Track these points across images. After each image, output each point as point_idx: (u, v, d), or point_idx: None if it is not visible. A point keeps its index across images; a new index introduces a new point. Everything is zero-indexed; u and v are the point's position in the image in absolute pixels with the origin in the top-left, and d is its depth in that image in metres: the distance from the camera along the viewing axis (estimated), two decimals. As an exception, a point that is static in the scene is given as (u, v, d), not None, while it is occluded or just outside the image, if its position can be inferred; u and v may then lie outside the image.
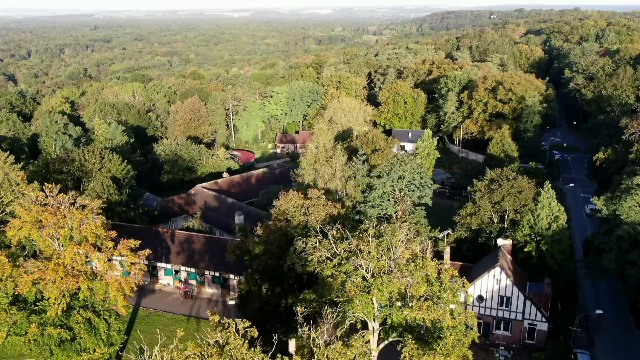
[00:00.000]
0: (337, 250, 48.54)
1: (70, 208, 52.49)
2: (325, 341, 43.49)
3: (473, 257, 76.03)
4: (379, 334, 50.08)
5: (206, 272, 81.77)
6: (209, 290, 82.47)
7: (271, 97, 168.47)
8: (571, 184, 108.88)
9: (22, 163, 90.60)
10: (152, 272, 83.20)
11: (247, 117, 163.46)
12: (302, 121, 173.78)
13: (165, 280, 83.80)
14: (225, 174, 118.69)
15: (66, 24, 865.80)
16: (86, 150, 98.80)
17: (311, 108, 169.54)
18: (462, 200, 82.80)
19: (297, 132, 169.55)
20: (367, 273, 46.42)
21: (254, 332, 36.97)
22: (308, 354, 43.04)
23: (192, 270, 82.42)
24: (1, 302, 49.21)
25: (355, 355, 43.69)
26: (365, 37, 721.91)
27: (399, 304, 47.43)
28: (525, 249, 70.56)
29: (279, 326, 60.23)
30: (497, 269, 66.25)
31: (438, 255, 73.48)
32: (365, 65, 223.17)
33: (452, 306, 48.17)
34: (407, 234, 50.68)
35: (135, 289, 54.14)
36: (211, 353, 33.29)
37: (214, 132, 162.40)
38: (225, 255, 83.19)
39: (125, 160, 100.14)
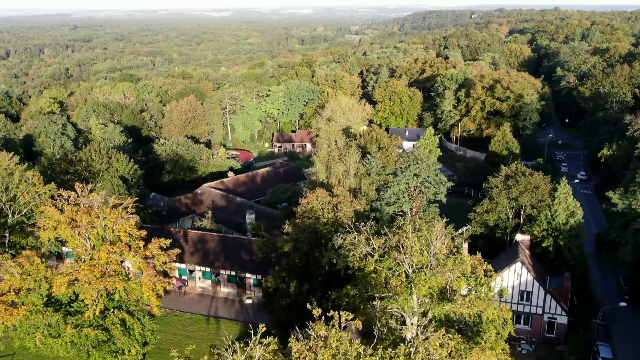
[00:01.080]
0: (376, 245, 48.71)
1: (104, 207, 51.90)
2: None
3: (488, 253, 76.72)
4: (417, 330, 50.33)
5: (222, 271, 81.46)
6: (225, 290, 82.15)
7: (267, 96, 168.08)
8: (576, 180, 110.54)
9: (25, 164, 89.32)
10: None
11: (244, 117, 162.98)
12: (299, 120, 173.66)
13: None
14: (230, 173, 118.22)
15: (44, 23, 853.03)
16: (93, 150, 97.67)
17: (308, 107, 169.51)
18: (474, 198, 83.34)
19: (293, 132, 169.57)
20: (409, 268, 46.66)
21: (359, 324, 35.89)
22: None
23: (207, 269, 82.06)
24: (36, 303, 48.53)
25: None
26: (347, 37, 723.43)
27: (437, 298, 47.73)
28: (544, 244, 71.47)
29: (308, 323, 60.30)
30: (519, 264, 67.08)
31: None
32: (357, 64, 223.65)
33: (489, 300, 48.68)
34: (443, 230, 50.97)
35: (168, 288, 53.76)
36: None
37: (210, 132, 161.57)
38: (241, 253, 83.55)
39: (132, 160, 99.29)
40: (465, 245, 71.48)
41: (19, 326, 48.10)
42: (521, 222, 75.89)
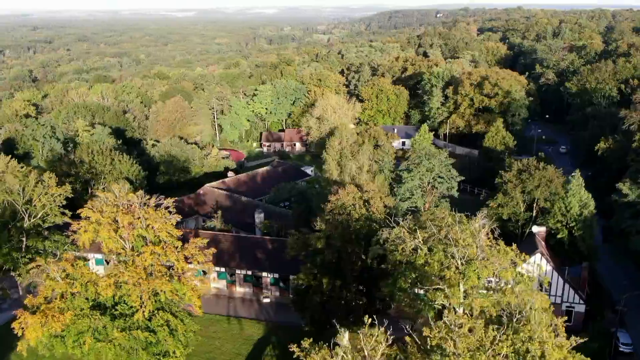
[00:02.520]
0: (422, 238, 49.43)
1: (146, 208, 51.23)
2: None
3: (502, 245, 78.36)
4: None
5: (237, 271, 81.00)
6: (241, 290, 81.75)
7: (255, 95, 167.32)
8: (573, 174, 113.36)
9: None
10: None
11: (233, 116, 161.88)
12: (286, 119, 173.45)
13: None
14: (230, 173, 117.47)
15: (2, 24, 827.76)
16: (96, 152, 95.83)
17: (295, 106, 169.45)
18: (470, 193, 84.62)
19: (282, 131, 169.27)
20: (459, 260, 47.47)
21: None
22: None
23: (222, 270, 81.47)
24: (83, 307, 47.56)
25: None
26: (315, 36, 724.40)
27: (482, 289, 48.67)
28: (559, 236, 73.36)
29: (344, 319, 60.60)
30: (538, 255, 68.73)
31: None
32: (338, 63, 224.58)
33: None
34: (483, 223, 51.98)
35: (205, 289, 53.43)
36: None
37: (199, 133, 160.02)
38: (256, 252, 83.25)
39: (136, 161, 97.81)
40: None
41: (65, 332, 47.00)
42: (534, 214, 77.69)
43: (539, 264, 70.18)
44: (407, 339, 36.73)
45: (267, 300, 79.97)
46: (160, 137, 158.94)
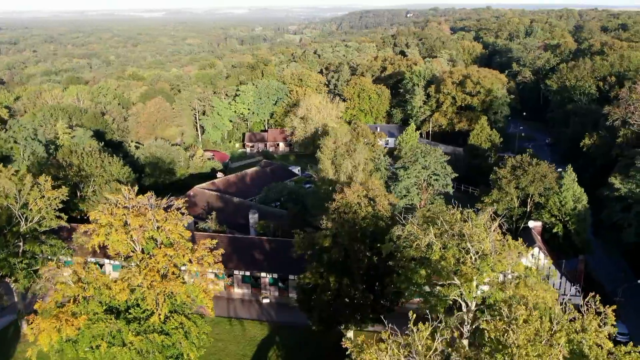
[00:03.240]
0: (435, 234, 49.97)
1: (157, 209, 50.63)
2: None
3: (497, 240, 79.65)
4: (474, 315, 51.93)
5: (235, 272, 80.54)
6: (239, 291, 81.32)
7: (237, 96, 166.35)
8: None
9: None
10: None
11: (215, 117, 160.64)
12: (268, 120, 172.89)
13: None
14: (219, 174, 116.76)
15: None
16: (85, 154, 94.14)
17: (277, 106, 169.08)
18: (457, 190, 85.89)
19: (265, 131, 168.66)
20: (474, 255, 48.14)
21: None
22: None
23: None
24: (97, 311, 46.77)
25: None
26: (287, 37, 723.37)
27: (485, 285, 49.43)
28: (554, 230, 74.94)
29: (351, 318, 60.93)
30: (537, 249, 70.14)
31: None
32: (317, 63, 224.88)
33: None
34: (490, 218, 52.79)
35: (222, 290, 53.09)
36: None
37: (181, 134, 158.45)
38: (254, 253, 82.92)
39: (127, 164, 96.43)
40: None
41: (80, 337, 46.13)
42: (528, 210, 79.16)
43: (537, 257, 71.83)
44: (455, 333, 37.13)
45: (266, 300, 79.74)
46: (142, 138, 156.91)
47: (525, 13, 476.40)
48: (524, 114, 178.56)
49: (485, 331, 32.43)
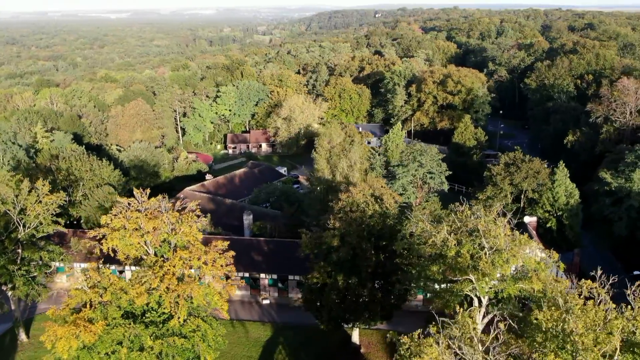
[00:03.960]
0: (448, 231, 50.77)
1: (172, 212, 50.24)
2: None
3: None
4: (486, 309, 52.91)
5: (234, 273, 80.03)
6: (238, 292, 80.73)
7: (217, 97, 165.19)
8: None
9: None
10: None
11: (196, 119, 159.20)
12: (250, 121, 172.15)
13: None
14: (208, 176, 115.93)
15: None
16: (73, 158, 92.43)
17: (259, 107, 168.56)
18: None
19: (247, 132, 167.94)
20: (488, 251, 49.07)
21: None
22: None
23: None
24: (115, 316, 46.12)
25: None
26: (256, 37, 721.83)
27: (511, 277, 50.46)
28: (548, 225, 76.70)
29: (361, 316, 61.29)
30: (534, 244, 71.63)
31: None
32: (294, 63, 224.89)
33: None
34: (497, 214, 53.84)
35: (233, 293, 53.11)
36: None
37: (162, 136, 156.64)
38: (252, 254, 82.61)
39: (117, 167, 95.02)
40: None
41: (99, 343, 45.41)
42: (522, 205, 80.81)
43: (535, 252, 73.39)
44: (501, 325, 37.91)
45: (266, 301, 79.62)
46: (122, 141, 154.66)
47: (492, 13, 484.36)
48: (501, 112, 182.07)
49: (536, 321, 33.13)
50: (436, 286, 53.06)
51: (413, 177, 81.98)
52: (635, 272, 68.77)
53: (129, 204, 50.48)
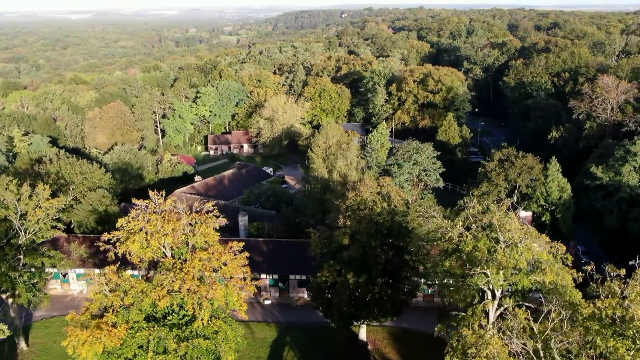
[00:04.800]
0: (462, 226, 51.84)
1: (192, 214, 49.96)
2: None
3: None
4: (499, 302, 54.13)
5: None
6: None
7: (197, 98, 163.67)
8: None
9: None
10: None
11: (177, 120, 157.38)
12: (230, 121, 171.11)
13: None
14: (197, 178, 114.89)
15: None
16: (62, 162, 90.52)
17: (239, 107, 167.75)
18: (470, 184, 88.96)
19: (227, 133, 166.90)
20: (504, 244, 50.24)
21: None
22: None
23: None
24: (138, 320, 45.63)
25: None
26: (223, 38, 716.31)
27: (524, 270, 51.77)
28: (542, 219, 78.72)
29: (373, 312, 61.81)
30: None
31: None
32: (270, 63, 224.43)
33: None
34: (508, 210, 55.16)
35: (252, 294, 53.18)
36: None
37: (142, 138, 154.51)
38: (252, 255, 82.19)
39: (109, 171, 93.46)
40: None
41: (123, 347, 44.82)
42: (515, 200, 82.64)
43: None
44: (553, 314, 38.84)
45: (268, 302, 79.55)
46: (100, 144, 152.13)
47: (457, 13, 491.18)
48: (476, 110, 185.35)
49: (589, 309, 34.14)
50: (451, 280, 54.04)
51: (409, 175, 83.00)
52: (631, 262, 71.06)
53: (146, 206, 49.87)
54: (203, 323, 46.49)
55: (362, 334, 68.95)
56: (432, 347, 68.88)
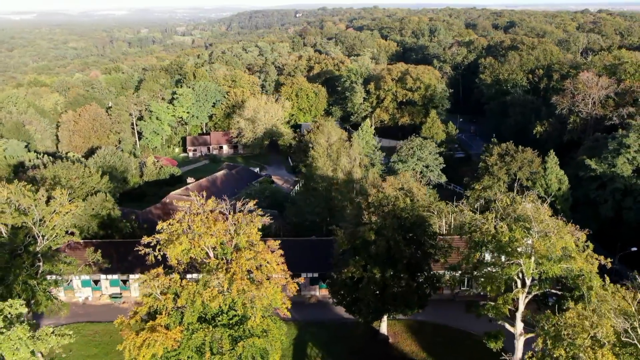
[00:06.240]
0: (491, 218, 53.73)
1: (238, 214, 49.92)
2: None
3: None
4: (529, 290, 56.24)
5: (245, 275, 79.46)
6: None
7: (173, 99, 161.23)
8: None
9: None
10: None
11: (154, 122, 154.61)
12: (207, 122, 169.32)
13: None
14: (190, 179, 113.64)
15: None
16: (59, 167, 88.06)
17: (216, 108, 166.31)
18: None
19: (207, 134, 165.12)
20: (536, 234, 52.28)
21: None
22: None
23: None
24: (192, 321, 45.37)
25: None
26: (176, 38, 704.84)
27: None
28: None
29: (400, 306, 62.92)
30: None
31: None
32: (240, 63, 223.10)
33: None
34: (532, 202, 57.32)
35: (294, 290, 53.53)
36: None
37: (118, 141, 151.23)
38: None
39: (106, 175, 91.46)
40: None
41: (180, 349, 44.45)
42: (515, 193, 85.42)
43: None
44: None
45: (279, 301, 79.45)
46: (76, 148, 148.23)
47: (412, 12, 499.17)
48: (448, 107, 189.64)
49: None
50: (482, 271, 55.78)
51: (413, 171, 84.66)
52: (633, 248, 74.86)
53: (189, 207, 49.53)
54: (256, 322, 46.56)
55: (383, 328, 70.03)
56: (449, 338, 71.06)
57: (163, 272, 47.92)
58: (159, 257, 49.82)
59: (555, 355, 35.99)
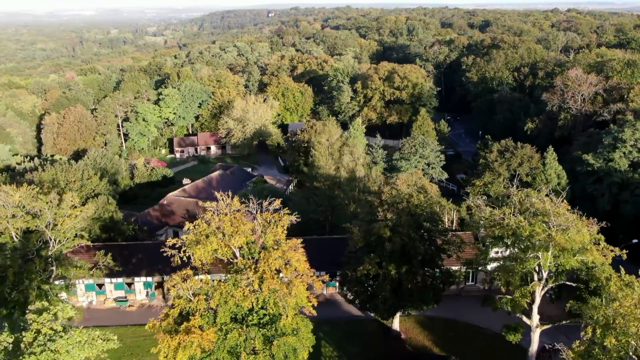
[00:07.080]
0: (511, 213, 54.75)
1: (264, 213, 49.91)
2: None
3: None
4: (545, 282, 57.45)
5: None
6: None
7: (159, 100, 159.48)
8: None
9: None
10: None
11: (140, 123, 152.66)
12: (194, 123, 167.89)
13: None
14: (186, 180, 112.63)
15: None
16: (57, 169, 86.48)
17: (202, 109, 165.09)
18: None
19: (194, 135, 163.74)
20: (555, 228, 53.46)
21: None
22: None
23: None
24: (226, 322, 45.22)
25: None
26: (147, 39, 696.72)
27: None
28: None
29: (416, 302, 63.57)
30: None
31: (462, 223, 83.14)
32: (222, 64, 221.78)
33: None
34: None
35: (320, 288, 53.70)
36: None
37: (105, 143, 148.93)
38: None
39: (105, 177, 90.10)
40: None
41: (216, 349, 44.24)
42: (515, 188, 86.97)
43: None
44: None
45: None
46: (62, 151, 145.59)
47: (385, 12, 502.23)
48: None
49: None
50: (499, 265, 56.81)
51: (415, 169, 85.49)
52: (634, 241, 76.90)
53: (217, 208, 49.35)
54: (289, 321, 46.62)
55: (396, 324, 70.67)
56: (460, 332, 72.10)
57: (192, 274, 47.60)
58: (184, 258, 49.66)
59: (604, 344, 36.97)
